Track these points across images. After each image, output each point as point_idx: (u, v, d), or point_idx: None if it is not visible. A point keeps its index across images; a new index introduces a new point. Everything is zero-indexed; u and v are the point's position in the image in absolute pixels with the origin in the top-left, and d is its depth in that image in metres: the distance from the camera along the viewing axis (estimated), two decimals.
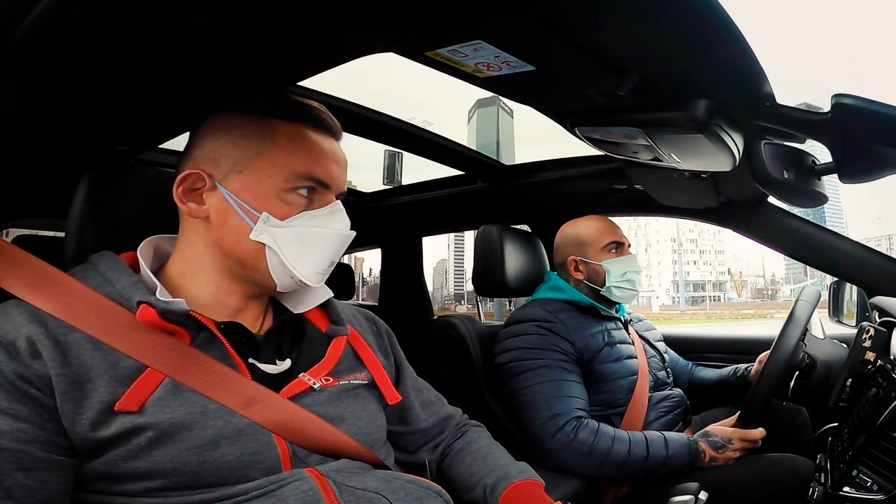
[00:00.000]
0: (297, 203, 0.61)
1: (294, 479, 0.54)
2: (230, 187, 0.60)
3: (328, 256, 0.63)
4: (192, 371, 0.55)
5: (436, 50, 0.58)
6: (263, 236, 0.60)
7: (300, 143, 0.62)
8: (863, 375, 0.94)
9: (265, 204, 0.60)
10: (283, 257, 0.60)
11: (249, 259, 0.61)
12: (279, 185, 0.60)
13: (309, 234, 0.61)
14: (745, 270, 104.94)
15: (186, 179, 0.61)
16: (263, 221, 0.59)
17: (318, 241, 0.62)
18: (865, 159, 0.80)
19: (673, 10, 0.53)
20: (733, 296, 76.04)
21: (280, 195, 0.60)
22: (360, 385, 0.68)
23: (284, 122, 0.62)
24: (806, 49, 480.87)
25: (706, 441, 1.06)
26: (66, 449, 0.50)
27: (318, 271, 0.63)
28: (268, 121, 0.62)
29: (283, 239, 0.60)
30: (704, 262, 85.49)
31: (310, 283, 0.62)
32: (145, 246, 0.64)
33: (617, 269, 1.28)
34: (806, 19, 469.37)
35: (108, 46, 0.58)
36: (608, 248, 1.30)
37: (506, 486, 0.72)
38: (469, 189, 1.55)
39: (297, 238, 0.60)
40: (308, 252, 0.61)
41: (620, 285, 1.28)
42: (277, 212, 0.60)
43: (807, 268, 5.88)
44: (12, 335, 0.51)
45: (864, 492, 0.76)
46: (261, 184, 0.60)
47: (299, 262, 0.61)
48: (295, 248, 0.60)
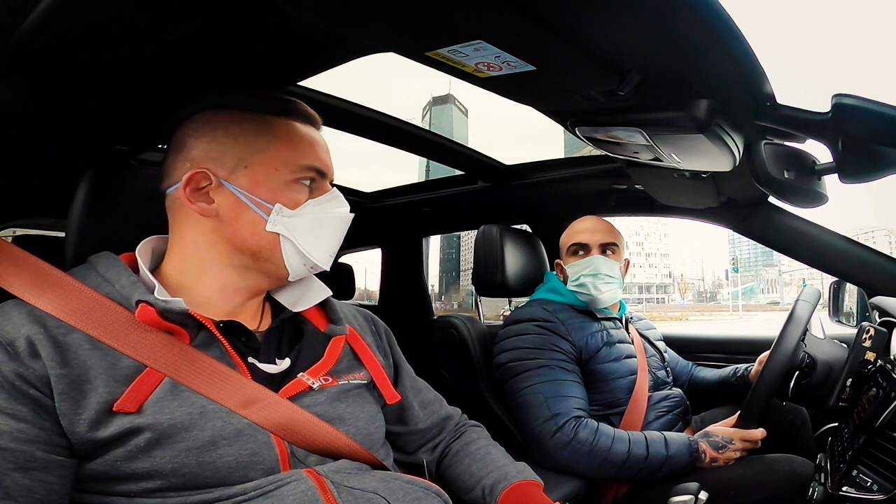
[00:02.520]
0: (302, 193, 0.64)
1: (292, 480, 0.54)
2: (238, 183, 0.62)
3: (337, 239, 0.67)
4: (191, 371, 0.55)
5: (436, 50, 0.58)
6: (279, 227, 0.62)
7: (296, 137, 0.65)
8: (863, 375, 0.94)
9: (276, 196, 0.62)
10: (298, 245, 0.63)
11: (265, 251, 0.63)
12: (286, 177, 0.63)
13: (318, 220, 0.65)
14: (692, 274, 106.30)
15: (192, 180, 0.61)
16: (277, 213, 0.62)
17: (327, 226, 0.66)
18: (865, 159, 0.80)
19: (673, 10, 0.53)
20: (677, 298, 76.38)
21: (288, 186, 0.63)
22: (360, 385, 0.68)
23: (276, 117, 0.65)
24: (806, 49, 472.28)
25: (707, 441, 1.06)
26: (64, 449, 0.50)
27: (330, 254, 0.67)
28: (261, 117, 0.64)
29: (297, 227, 0.63)
30: (650, 265, 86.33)
31: (322, 267, 0.66)
32: (143, 246, 0.64)
33: (573, 273, 1.28)
34: (806, 19, 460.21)
35: (108, 47, 0.58)
36: (571, 249, 1.31)
37: (504, 486, 0.72)
38: (469, 189, 1.55)
39: (308, 225, 0.64)
40: (320, 237, 0.65)
41: (575, 289, 1.28)
42: (288, 202, 0.63)
43: (727, 272, 5.66)
44: (11, 335, 0.51)
45: (864, 492, 0.76)
46: (269, 177, 0.62)
47: (314, 247, 0.64)
48: (309, 234, 0.64)
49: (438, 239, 50.88)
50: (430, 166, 73.12)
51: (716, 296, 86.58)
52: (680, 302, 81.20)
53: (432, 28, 0.55)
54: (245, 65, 0.69)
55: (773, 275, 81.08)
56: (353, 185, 1.69)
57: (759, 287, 66.00)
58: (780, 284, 64.07)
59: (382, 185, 1.73)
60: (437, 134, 1.27)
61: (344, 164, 0.71)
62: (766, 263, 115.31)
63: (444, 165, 1.43)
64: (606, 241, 1.30)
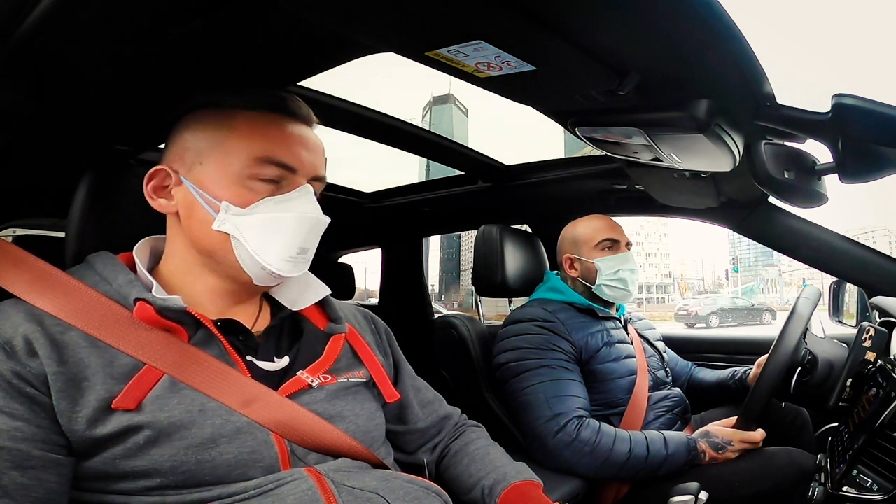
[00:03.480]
0: (260, 189, 0.60)
1: (293, 479, 0.54)
2: (193, 179, 0.60)
3: (296, 242, 0.60)
4: (190, 369, 0.55)
5: (436, 50, 0.58)
6: (226, 225, 0.59)
7: (259, 128, 0.61)
8: (863, 375, 0.94)
9: (225, 192, 0.59)
10: (247, 246, 0.59)
11: (218, 251, 0.60)
12: (239, 172, 0.59)
13: (273, 219, 0.59)
14: (692, 274, 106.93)
15: (155, 176, 0.62)
16: (224, 210, 0.59)
17: (282, 227, 0.59)
18: (865, 159, 0.80)
19: (673, 10, 0.53)
20: (677, 298, 76.61)
21: (241, 182, 0.59)
22: (359, 383, 0.68)
23: (245, 110, 0.61)
24: (806, 49, 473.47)
25: (706, 441, 1.06)
26: (62, 447, 0.50)
27: (285, 258, 0.60)
28: (228, 111, 0.61)
29: (246, 227, 0.59)
30: (650, 264, 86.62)
31: (280, 273, 0.60)
32: (141, 246, 0.64)
33: (608, 267, 1.27)
34: (806, 19, 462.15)
35: (108, 47, 0.58)
36: (601, 245, 1.29)
37: (504, 487, 0.72)
38: (469, 189, 1.55)
39: (260, 225, 0.59)
40: (273, 238, 0.59)
41: (611, 284, 1.27)
42: (238, 199, 0.59)
43: (727, 272, 5.56)
44: (9, 334, 0.51)
45: (864, 492, 0.76)
46: (220, 173, 0.59)
47: (265, 249, 0.59)
48: (259, 235, 0.59)
49: (438, 239, 50.91)
50: (430, 166, 73.20)
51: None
52: (682, 302, 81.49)
53: (432, 28, 0.55)
54: (245, 65, 0.69)
55: (773, 275, 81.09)
56: (353, 185, 1.69)
57: (759, 287, 66.11)
58: (780, 284, 64.12)
59: (382, 185, 1.73)
60: (437, 134, 1.26)
61: (344, 164, 0.68)
62: (766, 263, 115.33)
63: (444, 165, 1.43)
64: (628, 238, 1.32)
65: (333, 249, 2.25)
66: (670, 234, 17.94)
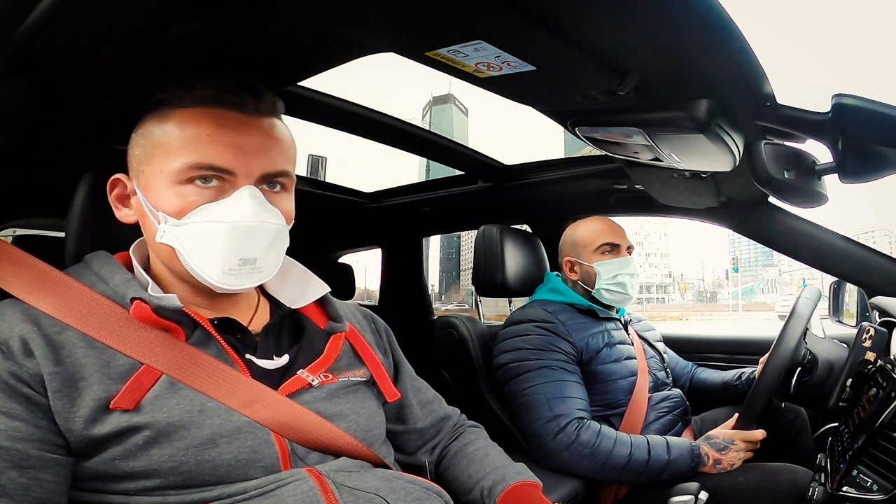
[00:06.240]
0: (194, 197, 0.55)
1: (293, 479, 0.54)
2: (140, 187, 0.58)
3: (234, 253, 0.55)
4: (189, 369, 0.55)
5: (436, 50, 0.58)
6: (167, 237, 0.56)
7: (191, 129, 0.55)
8: (863, 375, 0.94)
9: (162, 201, 0.55)
10: (188, 260, 0.55)
11: (170, 262, 0.58)
12: (170, 179, 0.55)
13: (207, 229, 0.54)
14: (692, 274, 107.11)
15: (115, 185, 0.62)
16: (163, 221, 0.56)
17: (217, 237, 0.55)
18: (865, 159, 0.80)
19: (673, 10, 0.53)
20: (677, 298, 76.41)
21: (174, 190, 0.55)
22: (359, 382, 0.68)
23: (180, 108, 0.56)
24: (806, 49, 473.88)
25: (708, 444, 1.06)
26: (61, 447, 0.50)
27: (225, 271, 0.55)
28: (167, 112, 0.57)
29: (185, 238, 0.55)
30: (650, 264, 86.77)
31: (221, 287, 0.56)
32: (138, 245, 0.64)
33: (607, 272, 1.27)
34: (806, 19, 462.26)
35: (108, 47, 0.58)
36: (601, 249, 1.29)
37: (503, 488, 0.72)
38: (469, 189, 1.55)
39: (195, 236, 0.55)
40: (209, 251, 0.55)
41: (610, 288, 1.27)
42: (172, 209, 0.55)
43: (727, 272, 5.45)
44: (6, 334, 0.51)
45: (864, 492, 0.76)
46: (155, 181, 0.56)
47: (202, 263, 0.55)
48: (196, 248, 0.55)
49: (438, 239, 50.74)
50: (430, 166, 73.03)
51: (716, 296, 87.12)
52: (680, 302, 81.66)
53: (432, 28, 0.55)
54: (245, 65, 0.69)
55: (773, 275, 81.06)
56: (353, 185, 1.69)
57: (759, 287, 66.21)
58: (780, 284, 64.15)
59: (382, 185, 1.73)
60: (437, 134, 1.27)
61: (344, 164, 0.66)
62: (766, 263, 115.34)
63: (445, 165, 1.43)
64: (629, 242, 1.31)
65: (333, 249, 2.26)
66: (670, 234, 17.98)
